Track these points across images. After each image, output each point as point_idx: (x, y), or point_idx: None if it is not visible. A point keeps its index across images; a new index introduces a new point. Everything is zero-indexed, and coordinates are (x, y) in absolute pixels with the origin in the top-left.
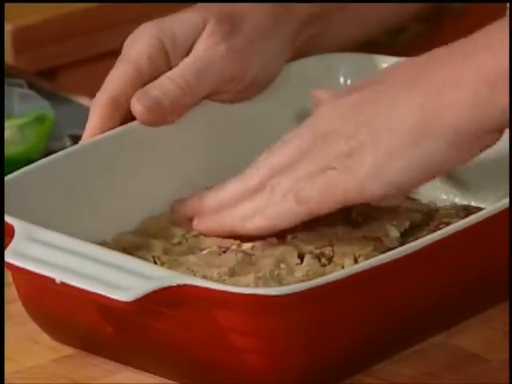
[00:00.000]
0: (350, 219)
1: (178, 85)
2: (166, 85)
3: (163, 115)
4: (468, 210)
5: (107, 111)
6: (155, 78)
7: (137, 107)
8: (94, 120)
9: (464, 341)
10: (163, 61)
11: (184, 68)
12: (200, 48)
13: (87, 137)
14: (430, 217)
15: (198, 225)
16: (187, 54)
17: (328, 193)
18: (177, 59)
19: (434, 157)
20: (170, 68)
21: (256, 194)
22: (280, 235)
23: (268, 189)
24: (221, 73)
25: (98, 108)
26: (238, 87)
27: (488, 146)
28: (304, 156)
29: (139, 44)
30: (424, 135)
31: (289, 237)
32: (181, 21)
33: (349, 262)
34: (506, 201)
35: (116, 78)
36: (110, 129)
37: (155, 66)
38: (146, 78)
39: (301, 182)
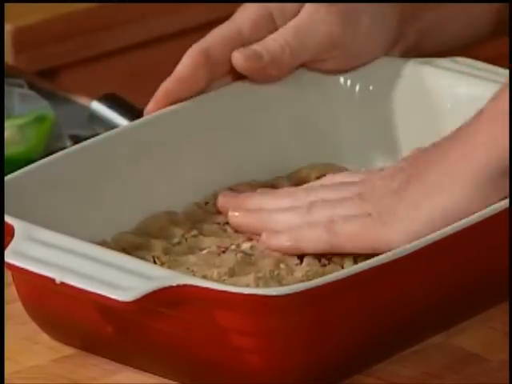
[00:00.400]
0: None
1: (278, 43)
2: (267, 42)
3: (261, 66)
4: None
5: (197, 59)
6: (257, 42)
7: (235, 56)
8: (182, 65)
9: (464, 341)
10: (267, 27)
11: (286, 28)
12: (304, 11)
13: (172, 80)
14: None
15: (231, 217)
16: None
17: (357, 235)
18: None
19: (453, 205)
20: None
21: (293, 210)
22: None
23: (306, 208)
24: (324, 36)
25: (188, 55)
26: (342, 55)
27: (504, 194)
28: (352, 198)
29: (247, 10)
30: (443, 186)
31: None
32: None
33: (349, 263)
34: (506, 201)
35: (214, 33)
36: (195, 78)
37: (258, 30)
38: (245, 39)
39: (338, 216)
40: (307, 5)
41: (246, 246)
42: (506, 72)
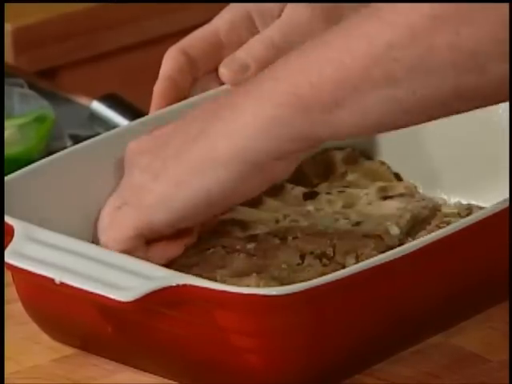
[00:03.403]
0: (350, 217)
1: (264, 44)
2: (252, 45)
3: (249, 75)
4: (470, 210)
5: (178, 58)
6: (236, 43)
7: (222, 72)
8: (165, 66)
9: (464, 341)
10: (246, 26)
11: (272, 28)
12: (286, 11)
13: (161, 81)
14: (432, 213)
15: None
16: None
17: (119, 227)
18: (266, 26)
19: (217, 186)
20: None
21: None
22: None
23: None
24: (308, 33)
25: (168, 56)
26: None
27: (280, 175)
28: (117, 190)
29: (225, 11)
30: (207, 165)
31: (289, 238)
32: None
33: (350, 261)
34: (506, 200)
35: (191, 35)
36: (181, 76)
37: (235, 29)
38: (223, 38)
39: (104, 212)
40: (289, 5)
41: (249, 246)
42: None
